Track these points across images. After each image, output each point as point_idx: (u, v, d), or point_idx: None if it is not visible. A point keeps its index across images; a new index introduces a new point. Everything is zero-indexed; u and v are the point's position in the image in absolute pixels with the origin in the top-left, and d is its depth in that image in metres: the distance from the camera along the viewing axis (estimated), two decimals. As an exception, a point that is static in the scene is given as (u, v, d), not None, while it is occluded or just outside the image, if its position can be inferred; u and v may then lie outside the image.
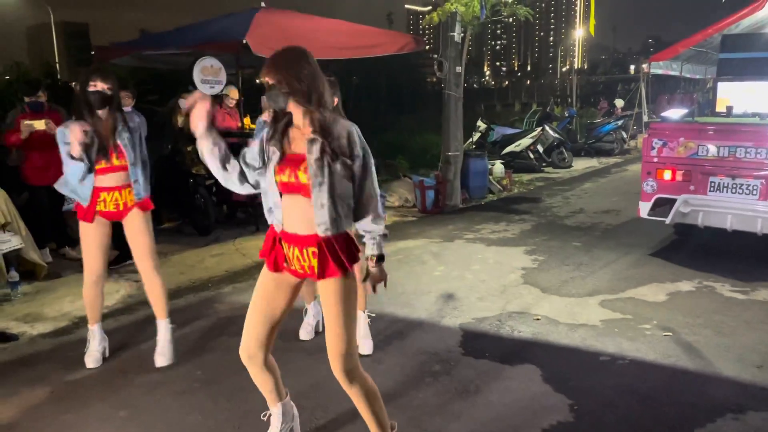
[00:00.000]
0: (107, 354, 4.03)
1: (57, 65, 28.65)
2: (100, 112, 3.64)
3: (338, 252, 2.45)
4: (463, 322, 4.58)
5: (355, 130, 2.45)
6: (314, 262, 2.46)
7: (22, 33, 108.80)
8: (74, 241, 6.45)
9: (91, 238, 3.76)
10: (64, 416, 3.34)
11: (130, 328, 4.66)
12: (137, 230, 3.82)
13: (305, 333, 4.34)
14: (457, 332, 4.40)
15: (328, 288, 2.50)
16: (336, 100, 2.82)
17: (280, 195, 2.48)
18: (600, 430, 3.13)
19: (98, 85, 3.59)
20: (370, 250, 2.53)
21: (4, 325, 4.62)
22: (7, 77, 11.67)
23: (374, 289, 2.56)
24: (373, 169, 2.51)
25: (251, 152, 2.54)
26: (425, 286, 5.37)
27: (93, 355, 3.92)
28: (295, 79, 2.35)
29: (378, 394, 2.65)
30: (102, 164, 3.69)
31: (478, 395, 3.48)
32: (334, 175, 2.37)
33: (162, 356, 3.88)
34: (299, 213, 2.45)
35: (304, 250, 2.46)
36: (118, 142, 3.70)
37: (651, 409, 3.30)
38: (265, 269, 2.65)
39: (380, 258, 2.52)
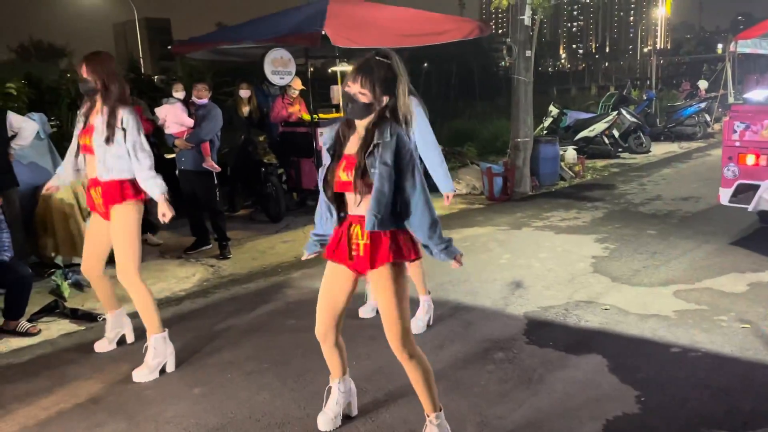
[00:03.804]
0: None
1: (141, 59, 30.02)
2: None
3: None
4: (528, 310, 4.54)
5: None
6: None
7: (109, 30, 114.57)
8: (155, 228, 6.81)
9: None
10: (144, 392, 3.57)
11: (205, 310, 4.89)
12: None
13: (365, 312, 4.45)
14: (522, 320, 4.36)
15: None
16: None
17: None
18: (668, 423, 3.04)
19: (350, 88, 2.78)
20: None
21: (91, 306, 4.95)
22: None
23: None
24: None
25: None
26: (490, 274, 5.34)
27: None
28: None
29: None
30: None
31: (541, 384, 3.45)
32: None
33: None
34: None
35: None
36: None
37: (724, 403, 3.18)
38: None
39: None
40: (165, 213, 3.70)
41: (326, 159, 2.71)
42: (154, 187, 3.69)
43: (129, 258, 3.72)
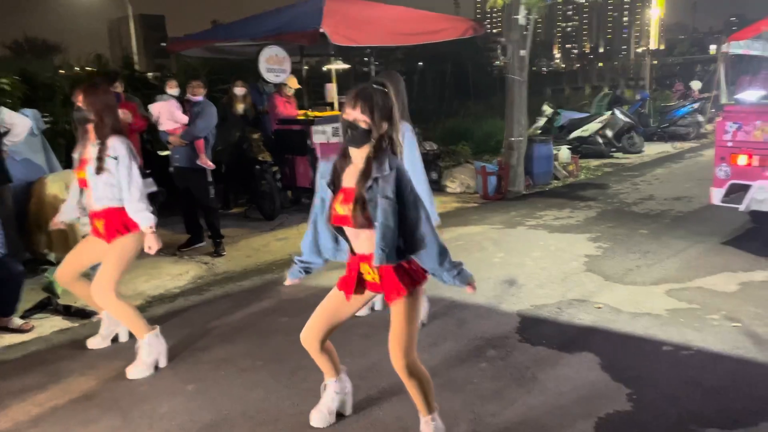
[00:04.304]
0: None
1: (135, 56, 29.86)
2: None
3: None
4: (521, 308, 4.56)
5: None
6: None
7: (104, 26, 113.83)
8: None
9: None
10: (138, 388, 3.57)
11: (199, 307, 4.89)
12: None
13: (360, 310, 4.45)
14: (515, 318, 4.38)
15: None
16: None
17: None
18: (659, 421, 3.06)
19: (348, 114, 2.57)
20: None
21: (84, 303, 4.92)
22: (88, 69, 12.31)
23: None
24: None
25: None
26: (484, 272, 5.36)
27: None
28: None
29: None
30: None
31: (533, 382, 3.47)
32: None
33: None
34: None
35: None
36: None
37: (715, 401, 3.21)
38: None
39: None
40: (151, 246, 3.75)
41: (325, 194, 2.69)
42: (143, 219, 3.72)
43: (110, 279, 3.74)
